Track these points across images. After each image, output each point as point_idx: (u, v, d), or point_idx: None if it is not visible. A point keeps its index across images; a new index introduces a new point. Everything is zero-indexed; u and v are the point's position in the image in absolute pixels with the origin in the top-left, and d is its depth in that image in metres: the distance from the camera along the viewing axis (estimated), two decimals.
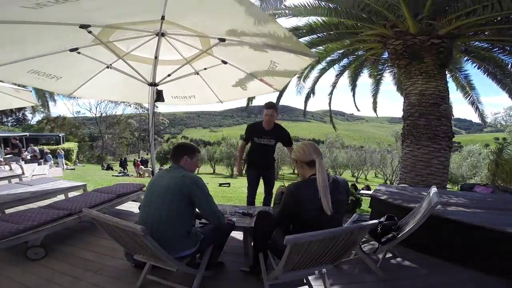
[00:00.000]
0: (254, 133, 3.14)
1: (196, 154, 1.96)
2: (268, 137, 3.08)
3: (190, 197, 1.71)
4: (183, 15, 2.24)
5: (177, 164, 1.88)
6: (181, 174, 1.76)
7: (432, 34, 5.27)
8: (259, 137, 3.09)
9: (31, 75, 2.63)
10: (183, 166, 1.88)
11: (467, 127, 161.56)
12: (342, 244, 1.48)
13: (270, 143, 3.09)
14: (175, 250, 1.70)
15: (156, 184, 1.81)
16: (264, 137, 3.07)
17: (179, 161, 1.88)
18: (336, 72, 9.11)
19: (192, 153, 1.93)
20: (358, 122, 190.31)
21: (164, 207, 1.69)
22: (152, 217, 1.71)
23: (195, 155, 1.96)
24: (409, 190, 3.67)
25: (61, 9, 1.64)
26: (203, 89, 3.63)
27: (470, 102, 8.72)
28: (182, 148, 1.95)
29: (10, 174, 5.86)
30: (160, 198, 1.72)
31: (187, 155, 1.90)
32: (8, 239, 2.08)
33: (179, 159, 1.88)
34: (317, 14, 6.16)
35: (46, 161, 12.70)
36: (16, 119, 30.54)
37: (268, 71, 2.98)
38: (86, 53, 2.52)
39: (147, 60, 3.04)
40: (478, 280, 2.08)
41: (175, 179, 1.73)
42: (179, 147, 1.97)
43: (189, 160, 1.90)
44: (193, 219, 1.91)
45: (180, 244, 1.74)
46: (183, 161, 1.88)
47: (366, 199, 5.40)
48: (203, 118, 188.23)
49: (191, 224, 1.84)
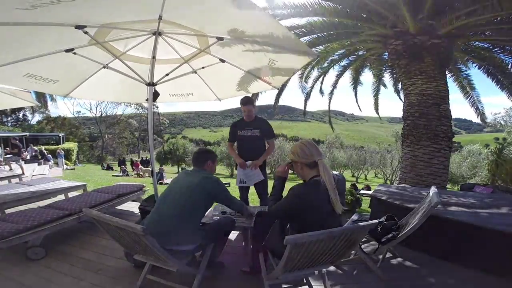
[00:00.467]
0: (237, 127, 3.16)
1: (216, 159, 2.21)
2: (251, 128, 3.08)
3: (211, 194, 1.89)
4: (180, 15, 2.23)
5: (201, 167, 2.05)
6: (205, 175, 1.95)
7: (432, 34, 5.27)
8: (242, 129, 3.11)
9: (27, 79, 2.60)
10: (205, 169, 2.05)
11: (467, 127, 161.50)
12: (342, 244, 1.47)
13: (254, 134, 3.07)
14: (178, 242, 1.76)
15: (181, 179, 1.98)
16: (247, 128, 3.09)
17: (203, 165, 2.06)
18: (336, 72, 9.13)
19: (215, 158, 2.16)
20: (358, 122, 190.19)
21: (181, 200, 1.82)
22: (166, 208, 1.83)
23: (216, 159, 2.19)
24: (409, 190, 3.67)
25: (56, 10, 1.63)
26: (201, 87, 3.62)
27: (471, 102, 8.72)
28: (206, 154, 2.14)
29: (10, 174, 5.87)
30: (179, 193, 1.86)
31: (210, 160, 2.09)
32: (8, 239, 2.08)
33: (204, 163, 2.06)
34: (317, 14, 6.16)
35: (46, 161, 12.71)
36: (16, 119, 30.55)
37: (266, 69, 2.98)
38: (82, 54, 2.50)
39: (144, 59, 3.03)
40: (478, 280, 2.08)
41: (199, 177, 1.90)
42: (205, 153, 2.15)
43: (211, 164, 2.10)
44: (201, 218, 1.99)
45: (185, 237, 1.79)
46: (207, 165, 2.07)
47: (366, 199, 5.40)
48: (203, 118, 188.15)
49: (199, 221, 1.94)
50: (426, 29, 5.27)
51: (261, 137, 3.11)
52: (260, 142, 3.12)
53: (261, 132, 3.09)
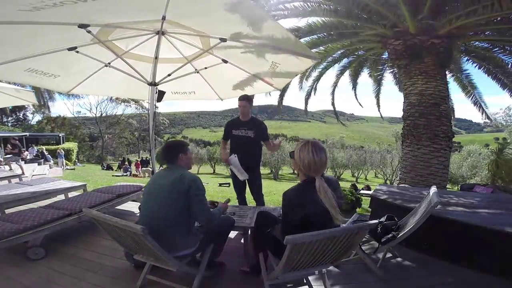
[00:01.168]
0: (231, 126, 3.13)
1: (188, 149, 1.99)
2: (246, 128, 3.04)
3: (187, 194, 1.72)
4: (184, 15, 2.24)
5: (174, 164, 1.89)
6: (180, 173, 1.78)
7: (432, 34, 5.27)
8: (236, 129, 3.07)
9: (28, 74, 2.61)
10: (180, 164, 1.90)
11: (467, 127, 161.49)
12: (342, 244, 1.47)
13: (248, 134, 3.03)
14: (175, 249, 1.70)
15: (156, 183, 1.83)
16: (241, 128, 3.05)
17: (176, 161, 1.89)
18: (336, 72, 9.14)
19: (186, 149, 1.96)
20: (358, 122, 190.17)
21: (164, 206, 1.70)
22: (152, 216, 1.73)
23: (188, 149, 1.98)
24: (409, 190, 3.67)
25: (60, 10, 1.63)
26: (203, 86, 3.63)
27: (473, 101, 8.70)
28: (175, 147, 1.95)
29: (10, 174, 5.86)
30: (160, 198, 1.74)
31: (182, 153, 1.91)
32: (8, 239, 2.08)
33: (176, 158, 1.89)
34: (317, 15, 6.16)
35: (46, 161, 12.70)
36: (16, 119, 30.54)
37: (269, 72, 2.97)
38: (84, 52, 2.51)
39: (147, 58, 3.03)
40: (478, 280, 2.07)
41: (173, 178, 1.75)
42: (172, 147, 1.96)
43: (184, 156, 1.92)
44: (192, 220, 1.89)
45: (181, 243, 1.75)
46: (180, 159, 1.90)
47: (366, 199, 5.39)
48: (203, 118, 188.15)
49: (191, 223, 1.85)
50: (426, 29, 5.27)
51: (255, 138, 3.05)
52: (253, 143, 3.06)
53: (255, 133, 3.04)
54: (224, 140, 3.23)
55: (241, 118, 3.09)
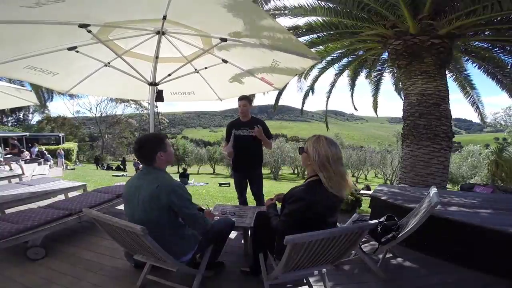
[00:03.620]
0: (232, 126, 3.14)
1: (167, 143, 1.69)
2: (247, 128, 3.05)
3: (171, 206, 1.58)
4: (184, 15, 2.24)
5: (151, 165, 1.64)
6: (155, 185, 1.56)
7: (432, 34, 5.27)
8: (238, 129, 3.08)
9: (26, 70, 2.60)
10: (158, 167, 1.65)
11: (467, 127, 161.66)
12: (342, 244, 1.48)
13: (249, 133, 3.03)
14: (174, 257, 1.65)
15: (133, 193, 1.64)
16: (243, 128, 3.06)
17: (153, 161, 1.63)
18: (335, 71, 9.13)
19: (164, 144, 1.66)
20: (358, 122, 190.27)
21: (149, 222, 1.54)
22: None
23: (167, 144, 1.68)
24: (410, 190, 3.67)
25: (60, 8, 1.63)
26: (203, 86, 3.62)
27: (471, 101, 8.73)
28: (151, 144, 1.63)
29: (10, 174, 5.86)
30: (143, 212, 1.59)
31: (161, 151, 1.63)
32: (8, 239, 2.08)
33: (153, 158, 1.62)
34: (316, 15, 6.16)
35: (46, 161, 12.71)
36: (16, 119, 30.57)
37: (269, 70, 2.97)
38: (84, 51, 2.51)
39: (147, 57, 3.03)
40: (478, 280, 2.07)
41: (150, 190, 1.56)
42: (148, 143, 1.64)
43: (164, 155, 1.64)
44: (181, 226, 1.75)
45: (177, 250, 1.70)
46: (158, 159, 1.63)
47: (366, 199, 5.39)
48: (203, 118, 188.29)
49: (183, 228, 1.75)
50: (426, 29, 5.27)
51: (257, 137, 3.04)
52: (255, 143, 3.08)
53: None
54: (226, 142, 3.24)
55: (242, 118, 3.11)
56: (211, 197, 6.63)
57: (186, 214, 1.63)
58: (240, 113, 3.08)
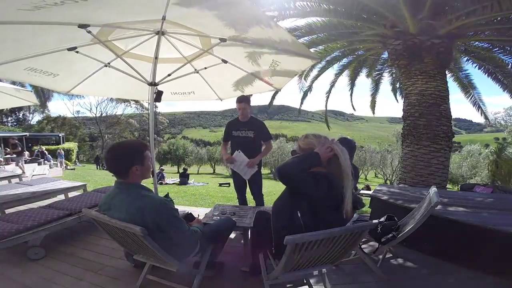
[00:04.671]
0: (231, 127, 3.15)
1: (146, 155, 1.47)
2: (246, 129, 3.06)
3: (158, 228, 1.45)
4: (184, 15, 2.24)
5: (126, 179, 1.46)
6: (135, 208, 1.41)
7: (432, 34, 5.27)
8: (236, 130, 3.09)
9: (27, 72, 2.61)
10: (133, 182, 1.47)
11: (467, 127, 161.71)
12: (342, 244, 1.47)
13: (248, 135, 3.04)
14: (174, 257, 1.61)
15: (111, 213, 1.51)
16: (242, 128, 3.07)
17: (127, 176, 1.44)
18: (335, 71, 9.14)
19: (142, 157, 1.45)
20: (358, 122, 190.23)
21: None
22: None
23: (146, 157, 1.47)
24: (410, 190, 3.67)
25: (59, 10, 1.64)
26: (203, 86, 3.63)
27: (472, 101, 8.72)
28: (127, 157, 1.42)
29: (10, 174, 5.86)
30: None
31: (137, 165, 1.43)
32: (8, 239, 2.08)
33: (127, 171, 1.42)
34: (316, 15, 6.16)
35: (46, 161, 12.71)
36: (16, 119, 30.57)
37: (269, 70, 2.98)
38: (84, 52, 2.51)
39: (146, 58, 3.03)
40: (478, 280, 2.07)
41: (130, 215, 1.41)
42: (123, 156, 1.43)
43: (139, 168, 1.45)
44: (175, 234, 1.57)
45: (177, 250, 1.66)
46: (132, 175, 1.43)
47: (366, 199, 5.40)
48: (203, 118, 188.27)
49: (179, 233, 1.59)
50: (426, 29, 5.27)
51: (256, 138, 3.07)
52: (254, 144, 3.08)
53: (255, 133, 3.06)
54: (224, 142, 3.24)
55: (241, 119, 3.11)
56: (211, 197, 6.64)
57: (177, 233, 1.54)
58: (240, 115, 3.10)
